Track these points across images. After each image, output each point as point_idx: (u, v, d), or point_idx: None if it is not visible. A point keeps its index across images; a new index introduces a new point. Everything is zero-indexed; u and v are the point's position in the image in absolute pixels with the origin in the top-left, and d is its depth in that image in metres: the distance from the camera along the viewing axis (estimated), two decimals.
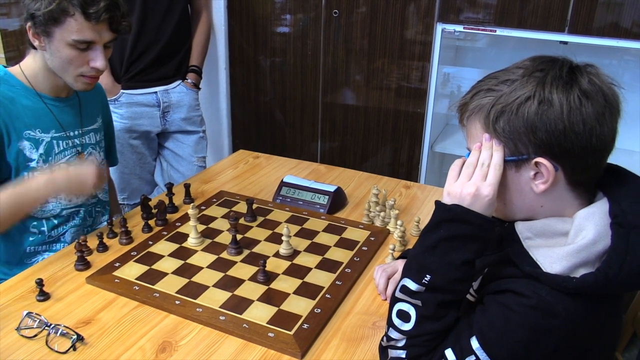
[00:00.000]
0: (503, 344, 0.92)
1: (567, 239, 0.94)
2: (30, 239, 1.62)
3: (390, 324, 1.02)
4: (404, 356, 1.00)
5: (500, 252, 1.04)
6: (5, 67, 1.58)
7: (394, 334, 1.01)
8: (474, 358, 0.93)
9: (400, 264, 1.31)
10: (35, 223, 1.62)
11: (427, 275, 0.98)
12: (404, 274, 1.02)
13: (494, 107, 0.95)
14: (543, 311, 0.90)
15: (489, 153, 0.98)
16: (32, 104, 1.56)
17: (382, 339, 1.05)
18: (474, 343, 0.93)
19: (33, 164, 1.56)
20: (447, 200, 1.01)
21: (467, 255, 0.97)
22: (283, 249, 1.49)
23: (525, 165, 0.95)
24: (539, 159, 0.93)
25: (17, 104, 1.53)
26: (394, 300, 1.03)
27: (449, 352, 0.95)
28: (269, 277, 1.39)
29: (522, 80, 0.94)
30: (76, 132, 1.66)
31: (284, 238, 1.49)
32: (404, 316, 1.01)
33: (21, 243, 1.61)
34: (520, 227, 1.01)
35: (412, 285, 0.99)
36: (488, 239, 0.99)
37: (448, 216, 0.99)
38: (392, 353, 1.02)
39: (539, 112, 0.91)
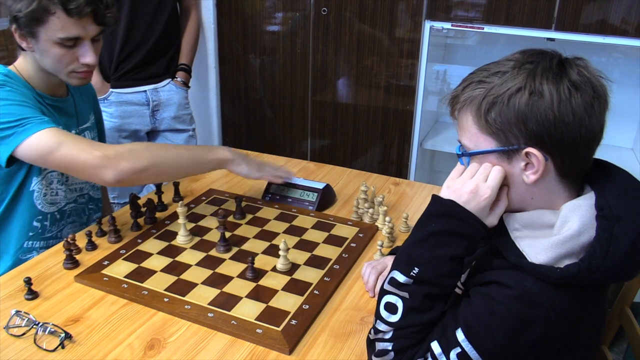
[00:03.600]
0: (488, 335, 0.93)
1: (553, 231, 0.96)
2: (31, 234, 1.62)
3: (377, 316, 1.03)
4: (390, 348, 1.01)
5: (489, 245, 1.06)
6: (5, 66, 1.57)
7: (381, 326, 1.02)
8: (460, 350, 0.94)
9: (390, 260, 1.32)
10: (39, 217, 1.61)
11: (415, 268, 0.99)
12: (393, 267, 1.03)
13: (486, 99, 0.96)
14: (527, 302, 0.92)
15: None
16: (37, 101, 1.56)
17: (369, 332, 1.06)
18: (459, 335, 0.94)
19: None
20: (445, 193, 1.03)
21: (455, 251, 0.98)
22: (280, 264, 1.42)
23: (517, 156, 0.97)
24: (529, 149, 0.94)
25: (29, 95, 1.52)
26: (382, 292, 1.04)
27: (434, 345, 0.96)
28: (258, 274, 1.39)
29: (512, 72, 0.95)
30: (73, 132, 1.66)
31: (281, 253, 1.42)
32: (391, 308, 1.02)
33: (21, 237, 1.61)
34: (509, 219, 1.02)
35: (400, 277, 1.01)
36: (476, 240, 1.00)
37: (441, 210, 1.01)
38: (379, 345, 1.02)
39: (530, 102, 0.92)
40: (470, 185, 1.00)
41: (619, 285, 1.60)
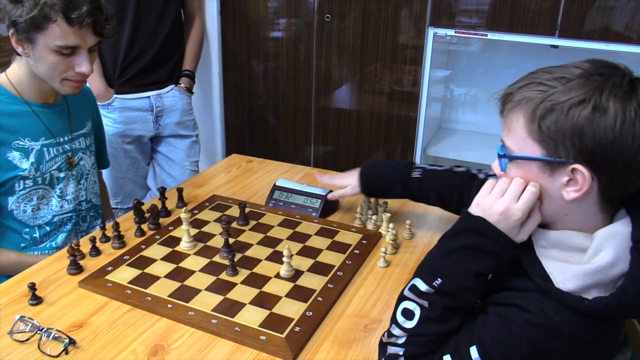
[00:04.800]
0: (503, 357, 0.91)
1: (584, 257, 0.92)
2: (22, 244, 1.62)
3: (393, 320, 1.03)
4: (401, 353, 1.00)
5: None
6: None
7: (395, 331, 1.02)
8: None
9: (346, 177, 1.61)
10: (27, 230, 1.62)
11: (438, 279, 0.98)
12: (416, 274, 1.02)
13: (543, 103, 0.90)
14: (548, 330, 0.89)
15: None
16: (21, 112, 1.56)
17: (383, 335, 1.06)
18: (474, 353, 0.93)
19: (24, 173, 1.56)
20: (474, 210, 1.00)
21: (481, 267, 0.96)
22: (284, 271, 1.41)
23: (561, 170, 0.91)
24: (577, 166, 0.89)
25: (5, 114, 1.53)
26: (401, 298, 1.03)
27: (447, 358, 0.95)
28: (239, 272, 1.41)
29: (579, 81, 0.88)
30: (66, 138, 1.67)
31: (285, 259, 1.41)
32: (408, 314, 1.01)
33: (15, 249, 1.62)
34: (536, 234, 0.99)
35: (421, 286, 0.99)
36: (505, 258, 0.97)
37: (470, 226, 0.98)
38: (391, 349, 1.02)
39: (591, 117, 0.86)
40: (500, 206, 0.96)
41: None
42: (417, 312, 1.00)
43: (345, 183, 1.64)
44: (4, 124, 1.53)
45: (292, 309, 1.29)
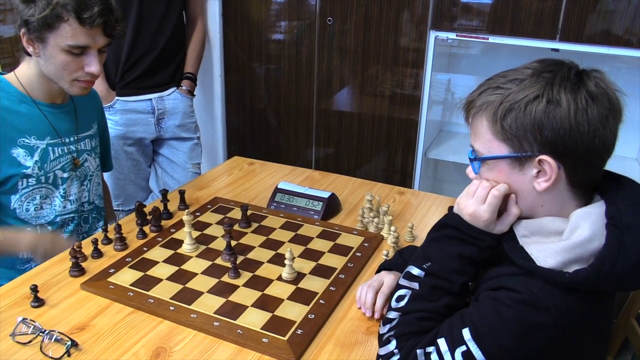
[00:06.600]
0: (494, 336, 0.95)
1: (562, 236, 0.98)
2: None
3: (388, 307, 1.11)
4: (392, 334, 1.05)
5: (497, 251, 1.08)
6: (1, 74, 1.59)
7: (390, 314, 1.09)
8: (465, 348, 0.96)
9: (385, 276, 1.33)
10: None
11: (428, 262, 1.08)
12: (410, 263, 1.12)
13: (502, 104, 0.97)
14: (533, 306, 0.93)
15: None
16: (28, 111, 1.57)
17: (379, 325, 1.12)
18: (466, 334, 0.97)
19: (28, 171, 1.56)
20: (455, 208, 1.10)
21: (463, 250, 1.05)
22: (286, 273, 1.42)
23: (529, 163, 0.98)
24: (543, 157, 0.96)
25: (12, 112, 1.54)
26: (397, 287, 1.12)
27: (441, 342, 0.98)
28: (240, 275, 1.42)
29: (530, 80, 0.97)
30: (72, 139, 1.67)
31: (287, 262, 1.42)
32: (401, 298, 1.09)
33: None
34: (517, 225, 1.05)
35: (414, 271, 1.10)
36: (486, 247, 1.05)
37: (450, 222, 1.09)
38: (384, 335, 1.08)
39: (547, 110, 0.94)
40: (470, 208, 1.05)
41: (625, 296, 1.59)
42: (408, 294, 1.09)
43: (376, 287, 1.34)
44: (11, 121, 1.53)
45: (294, 311, 1.29)
